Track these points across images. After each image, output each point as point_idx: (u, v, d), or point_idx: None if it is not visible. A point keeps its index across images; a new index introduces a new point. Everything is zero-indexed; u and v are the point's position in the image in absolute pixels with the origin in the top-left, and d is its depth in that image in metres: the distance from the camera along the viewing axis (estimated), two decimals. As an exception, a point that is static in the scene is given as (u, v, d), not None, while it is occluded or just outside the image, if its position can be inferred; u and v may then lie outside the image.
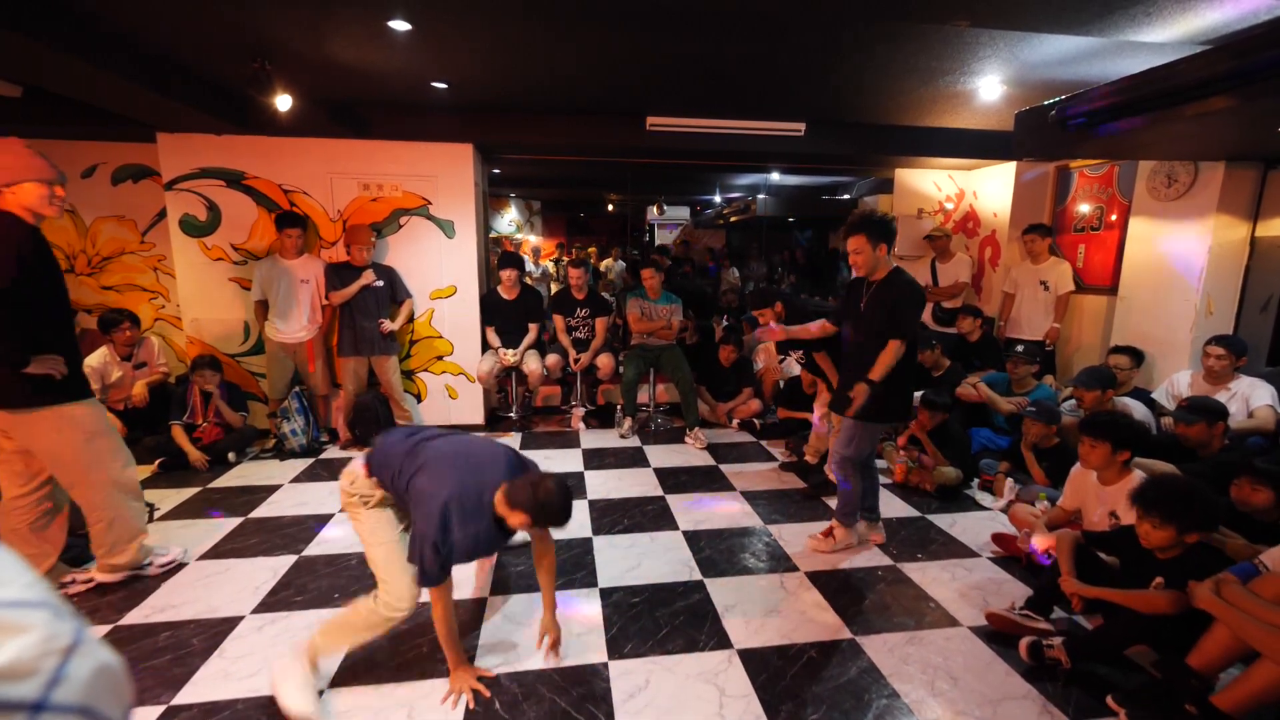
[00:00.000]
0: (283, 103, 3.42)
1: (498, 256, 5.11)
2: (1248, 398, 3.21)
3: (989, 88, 3.57)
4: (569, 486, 1.89)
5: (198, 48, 3.14)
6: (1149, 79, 2.62)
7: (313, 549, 2.92)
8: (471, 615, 2.40)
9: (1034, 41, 2.84)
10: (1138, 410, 3.41)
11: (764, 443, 4.64)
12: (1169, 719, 1.82)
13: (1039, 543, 2.68)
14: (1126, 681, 2.04)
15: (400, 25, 2.77)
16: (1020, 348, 4.07)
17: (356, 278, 4.19)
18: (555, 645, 2.09)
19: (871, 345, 2.68)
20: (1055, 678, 2.07)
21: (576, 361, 4.87)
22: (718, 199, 10.09)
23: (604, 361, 4.92)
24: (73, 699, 0.35)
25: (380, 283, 4.28)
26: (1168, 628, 1.97)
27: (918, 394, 3.95)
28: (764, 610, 2.46)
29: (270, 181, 4.34)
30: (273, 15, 2.71)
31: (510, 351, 4.71)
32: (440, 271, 4.65)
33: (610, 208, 11.19)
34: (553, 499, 1.82)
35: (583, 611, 2.43)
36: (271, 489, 3.65)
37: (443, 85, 3.74)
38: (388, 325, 4.27)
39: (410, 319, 4.59)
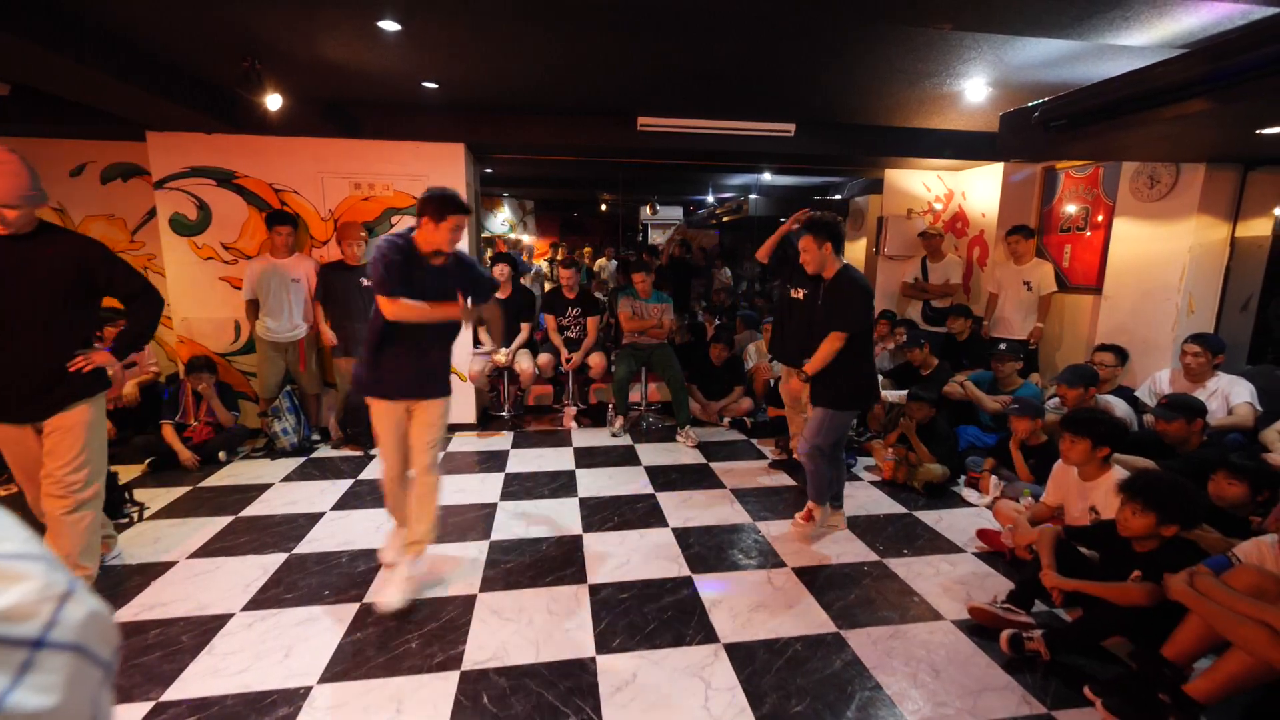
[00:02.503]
0: (273, 102, 3.42)
1: (490, 255, 5.12)
2: (1227, 395, 3.27)
3: (975, 90, 3.61)
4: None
5: (187, 46, 3.14)
6: (1128, 82, 2.67)
7: (303, 547, 2.93)
8: (461, 611, 2.41)
9: (1017, 44, 2.89)
10: (1119, 407, 3.46)
11: (755, 441, 4.67)
12: (1144, 708, 1.86)
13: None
14: (1103, 672, 2.09)
15: (390, 25, 2.79)
16: (1003, 346, 4.12)
17: (350, 279, 4.19)
18: None
19: (819, 339, 2.91)
20: (1035, 669, 2.11)
21: (568, 361, 4.89)
22: (710, 199, 10.12)
23: (596, 360, 4.95)
24: (68, 638, 0.39)
25: (370, 282, 4.28)
26: (1144, 619, 2.02)
27: (903, 392, 3.99)
28: (751, 605, 2.49)
29: (261, 181, 4.34)
30: (263, 14, 2.72)
31: (503, 350, 4.73)
32: (432, 271, 4.65)
33: (603, 208, 11.21)
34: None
35: (571, 607, 2.46)
36: (262, 488, 3.65)
37: (434, 85, 3.75)
38: None
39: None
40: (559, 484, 3.77)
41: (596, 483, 3.79)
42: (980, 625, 2.33)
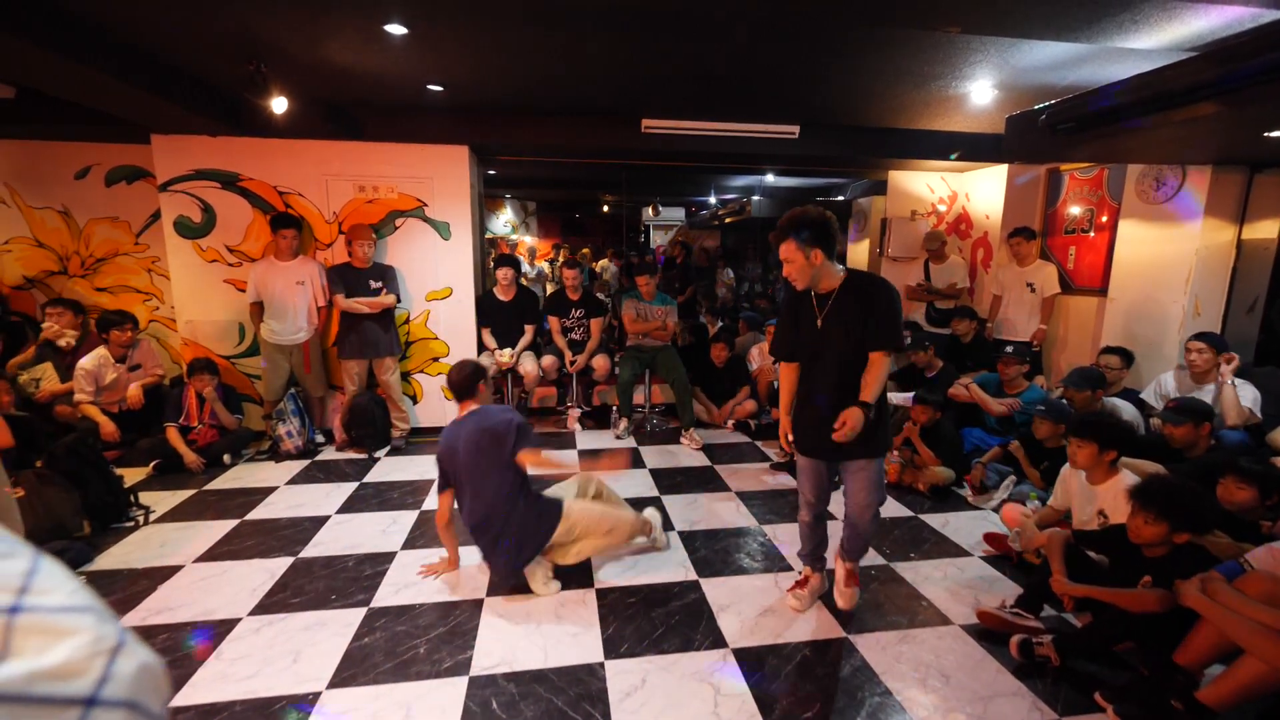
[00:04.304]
0: (278, 104, 3.42)
1: (493, 257, 5.12)
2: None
3: (980, 92, 3.61)
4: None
5: (192, 49, 3.14)
6: (1137, 85, 2.66)
7: (309, 551, 2.93)
8: (468, 616, 2.41)
9: (1024, 47, 2.88)
10: (1126, 410, 3.46)
11: (759, 443, 4.66)
12: (1156, 715, 1.85)
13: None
14: (1114, 678, 2.08)
15: (396, 29, 2.78)
16: (1009, 349, 4.11)
17: (360, 281, 4.19)
18: None
19: (845, 370, 2.22)
20: (1045, 675, 2.10)
21: (572, 363, 4.89)
22: (713, 200, 10.12)
23: (600, 363, 4.94)
24: (120, 694, 0.38)
25: (380, 283, 4.28)
26: (1155, 625, 2.01)
27: (908, 394, 3.98)
28: (758, 610, 2.48)
29: (265, 183, 4.34)
30: (268, 17, 2.72)
31: (507, 352, 4.73)
32: (436, 273, 4.66)
33: (605, 209, 11.21)
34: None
35: (579, 612, 2.45)
36: (267, 491, 3.65)
37: (438, 87, 3.75)
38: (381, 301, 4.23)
39: (390, 313, 4.47)
40: (564, 487, 3.76)
41: (601, 485, 3.78)
42: (989, 630, 2.32)
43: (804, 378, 2.37)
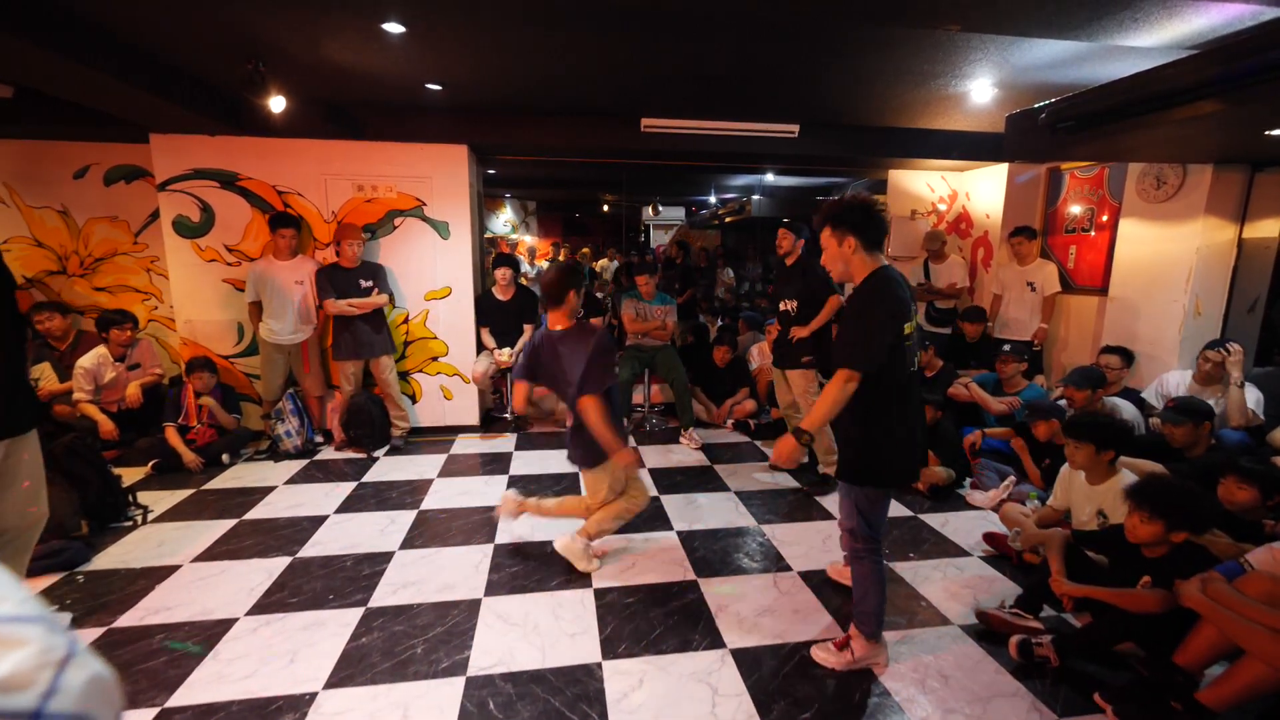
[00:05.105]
0: (277, 104, 3.41)
1: (492, 257, 5.11)
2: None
3: (980, 91, 3.60)
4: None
5: (192, 49, 3.14)
6: (1137, 83, 2.65)
7: (307, 550, 2.93)
8: (466, 616, 2.41)
9: (1024, 45, 2.87)
10: (1127, 410, 3.45)
11: (758, 443, 4.66)
12: (1155, 715, 1.85)
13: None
14: (1114, 679, 2.07)
15: (394, 28, 2.78)
16: (1007, 347, 4.10)
17: (349, 281, 4.18)
18: None
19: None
20: (1044, 675, 2.10)
21: (572, 362, 4.88)
22: (713, 199, 10.12)
23: (599, 362, 4.93)
24: (68, 708, 0.37)
25: (370, 282, 4.26)
26: (1155, 626, 2.00)
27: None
28: (757, 610, 2.48)
29: (264, 183, 4.33)
30: (268, 17, 2.71)
31: (505, 351, 4.72)
32: (435, 272, 4.66)
33: (605, 208, 11.21)
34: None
35: (577, 612, 2.45)
36: (266, 490, 3.64)
37: (437, 87, 3.74)
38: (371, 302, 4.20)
39: (382, 313, 4.44)
40: (563, 486, 3.76)
41: (601, 485, 3.77)
42: (988, 630, 2.31)
43: None
